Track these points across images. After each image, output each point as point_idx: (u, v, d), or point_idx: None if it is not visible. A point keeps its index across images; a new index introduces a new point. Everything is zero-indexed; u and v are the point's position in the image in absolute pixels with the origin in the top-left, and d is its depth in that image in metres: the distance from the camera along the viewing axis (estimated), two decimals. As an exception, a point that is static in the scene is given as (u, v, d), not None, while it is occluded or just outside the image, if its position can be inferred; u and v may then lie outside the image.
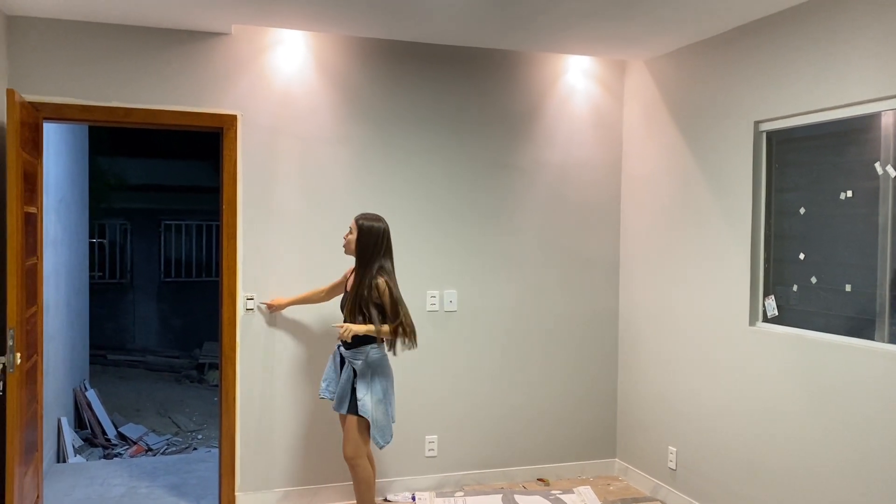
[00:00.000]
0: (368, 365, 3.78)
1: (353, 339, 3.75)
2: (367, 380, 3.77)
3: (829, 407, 3.37)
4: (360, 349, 3.79)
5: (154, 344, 13.08)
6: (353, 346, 3.79)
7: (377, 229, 3.82)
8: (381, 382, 3.81)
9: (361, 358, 3.78)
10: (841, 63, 3.32)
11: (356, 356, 3.79)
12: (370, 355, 3.79)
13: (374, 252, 3.80)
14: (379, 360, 3.83)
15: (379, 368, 3.82)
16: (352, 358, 3.80)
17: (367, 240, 3.80)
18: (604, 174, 4.95)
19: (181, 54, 4.14)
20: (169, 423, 8.63)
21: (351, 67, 4.42)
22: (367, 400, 3.74)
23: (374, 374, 3.79)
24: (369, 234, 3.80)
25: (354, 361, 3.79)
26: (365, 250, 3.80)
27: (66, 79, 3.99)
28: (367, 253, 3.80)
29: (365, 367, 3.78)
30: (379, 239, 3.81)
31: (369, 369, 3.78)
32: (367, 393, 3.75)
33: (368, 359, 3.78)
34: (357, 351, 3.79)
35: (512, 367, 4.78)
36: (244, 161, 4.25)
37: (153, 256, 13.74)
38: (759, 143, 3.88)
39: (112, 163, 12.66)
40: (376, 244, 3.81)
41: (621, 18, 3.88)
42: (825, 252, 3.61)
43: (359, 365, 3.77)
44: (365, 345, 3.78)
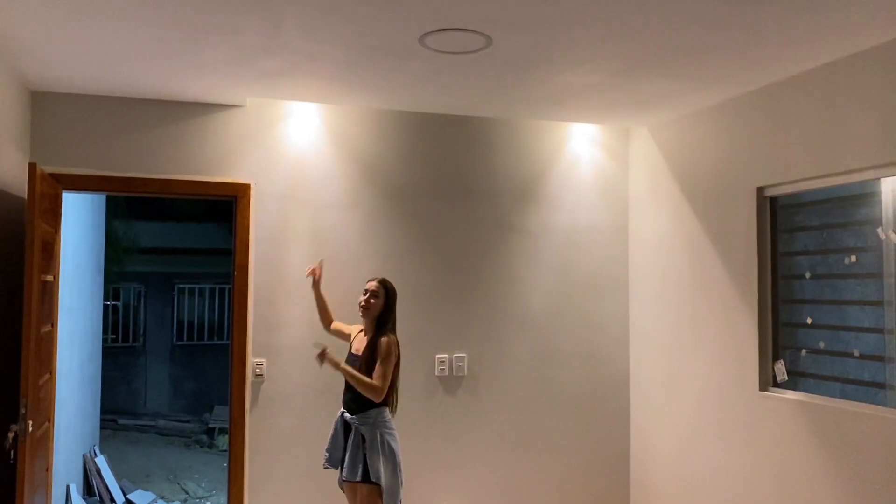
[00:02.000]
0: (376, 429, 3.72)
1: (356, 403, 3.72)
2: (377, 444, 3.70)
3: (841, 472, 3.32)
4: (366, 414, 3.73)
5: (165, 408, 13.03)
6: (357, 411, 3.74)
7: (395, 291, 3.92)
8: (390, 445, 3.75)
9: (368, 422, 3.72)
10: (842, 131, 3.39)
11: (363, 421, 3.73)
12: (377, 418, 3.73)
13: (392, 314, 3.86)
14: (385, 422, 3.78)
15: (387, 431, 3.76)
16: (358, 423, 3.73)
17: (392, 302, 3.86)
18: (611, 238, 5.00)
19: (197, 126, 4.28)
20: (178, 490, 8.54)
21: (361, 137, 4.54)
22: (380, 466, 3.66)
23: (383, 438, 3.73)
24: (394, 296, 3.88)
25: (361, 427, 3.72)
26: (388, 312, 3.84)
27: (85, 150, 4.12)
28: (388, 315, 3.84)
29: (373, 431, 3.71)
30: (395, 301, 3.90)
31: (378, 433, 3.72)
32: (380, 458, 3.67)
33: (375, 422, 3.72)
34: (364, 416, 3.73)
35: (522, 432, 4.74)
36: (256, 227, 4.34)
37: (166, 319, 13.81)
38: (763, 209, 3.93)
39: (127, 226, 12.86)
40: (395, 306, 3.89)
41: (624, 90, 3.99)
42: (833, 316, 3.61)
43: (366, 430, 3.71)
44: (370, 408, 3.72)
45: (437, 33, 3.11)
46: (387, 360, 3.72)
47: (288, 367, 4.35)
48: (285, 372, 4.34)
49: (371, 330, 3.84)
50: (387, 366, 3.71)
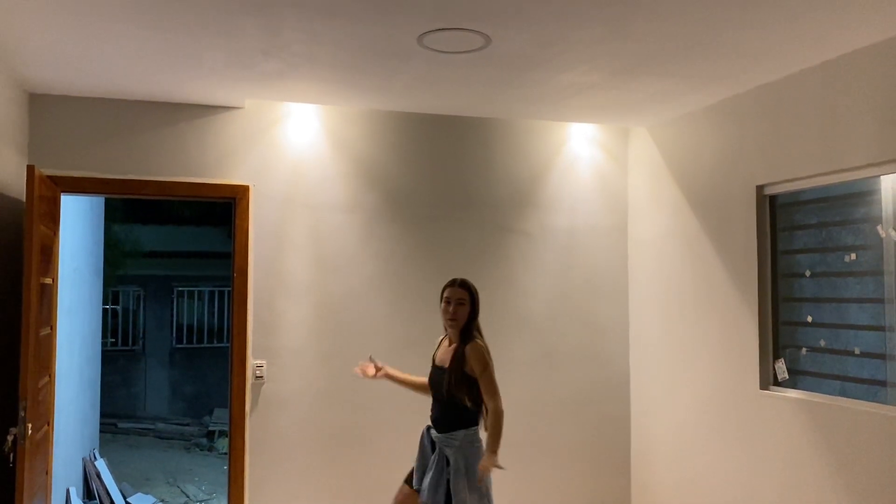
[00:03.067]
0: (463, 453, 3.28)
1: (444, 421, 3.31)
2: (461, 470, 3.25)
3: (842, 470, 3.31)
4: (453, 435, 3.30)
5: (165, 411, 13.02)
6: (443, 430, 3.33)
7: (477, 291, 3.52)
8: (476, 472, 3.28)
9: (454, 444, 3.28)
10: (841, 128, 3.39)
11: (448, 443, 3.30)
12: (463, 441, 3.28)
13: (477, 317, 3.48)
14: (474, 445, 3.32)
15: (475, 455, 3.30)
16: (443, 444, 3.32)
17: (478, 305, 3.49)
18: (610, 239, 4.99)
19: (196, 127, 4.27)
20: (178, 493, 8.52)
21: (360, 138, 4.54)
22: (465, 496, 3.23)
23: (469, 463, 3.27)
24: (478, 298, 3.50)
25: (446, 449, 3.31)
26: (475, 317, 3.47)
27: (83, 153, 4.12)
28: (474, 321, 3.46)
29: (459, 455, 3.27)
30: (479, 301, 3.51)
31: (465, 459, 3.27)
32: (465, 489, 3.23)
33: (462, 445, 3.28)
34: (450, 437, 3.30)
35: (523, 434, 4.73)
36: (256, 230, 4.33)
37: (166, 323, 13.80)
38: (762, 207, 3.93)
39: (126, 230, 12.86)
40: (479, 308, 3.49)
41: (623, 90, 3.99)
42: (833, 314, 3.61)
43: (451, 453, 3.28)
44: (459, 428, 3.30)
45: (435, 33, 3.11)
46: (485, 369, 3.32)
47: (288, 368, 4.34)
48: (285, 374, 4.34)
49: (456, 338, 3.47)
50: (489, 377, 3.31)
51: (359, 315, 4.47)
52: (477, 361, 3.32)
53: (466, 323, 3.43)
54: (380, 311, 4.51)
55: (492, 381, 3.30)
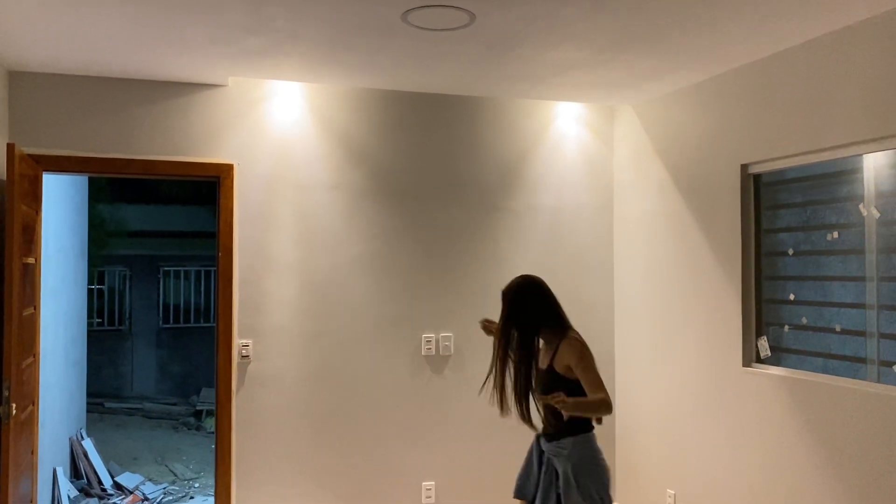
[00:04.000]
0: (573, 463, 2.89)
1: (554, 426, 2.96)
2: (571, 484, 2.87)
3: (823, 446, 3.36)
4: (561, 442, 2.93)
5: (152, 391, 13.01)
6: (552, 438, 2.97)
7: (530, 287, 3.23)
8: (589, 485, 2.88)
9: (563, 453, 2.90)
10: (826, 107, 3.40)
11: (557, 451, 2.94)
12: (572, 449, 2.90)
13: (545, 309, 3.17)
14: (588, 454, 2.92)
15: (586, 465, 2.91)
16: (552, 454, 2.96)
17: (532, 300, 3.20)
18: (596, 217, 5.01)
19: (179, 106, 4.23)
20: (166, 472, 8.55)
21: (345, 116, 4.51)
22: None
23: (579, 475, 2.88)
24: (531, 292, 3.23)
25: (554, 459, 2.95)
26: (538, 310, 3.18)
27: (65, 131, 4.07)
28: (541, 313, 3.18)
29: (569, 466, 2.88)
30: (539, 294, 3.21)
31: (573, 469, 2.88)
32: (579, 502, 2.86)
33: (571, 454, 2.90)
34: (558, 445, 2.94)
35: (509, 410, 4.77)
36: (241, 209, 4.31)
37: (152, 302, 13.75)
38: (746, 186, 3.94)
39: (111, 210, 12.76)
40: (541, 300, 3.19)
41: (609, 68, 3.98)
42: (815, 292, 3.65)
43: (560, 463, 2.90)
44: (567, 435, 2.92)
45: (420, 10, 3.09)
46: (585, 362, 2.95)
47: (274, 347, 4.34)
48: (271, 353, 4.34)
49: (544, 341, 3.16)
50: (591, 369, 2.94)
51: (345, 293, 4.47)
52: (571, 355, 2.95)
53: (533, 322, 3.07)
54: (366, 289, 4.51)
55: (592, 371, 2.91)
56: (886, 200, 3.26)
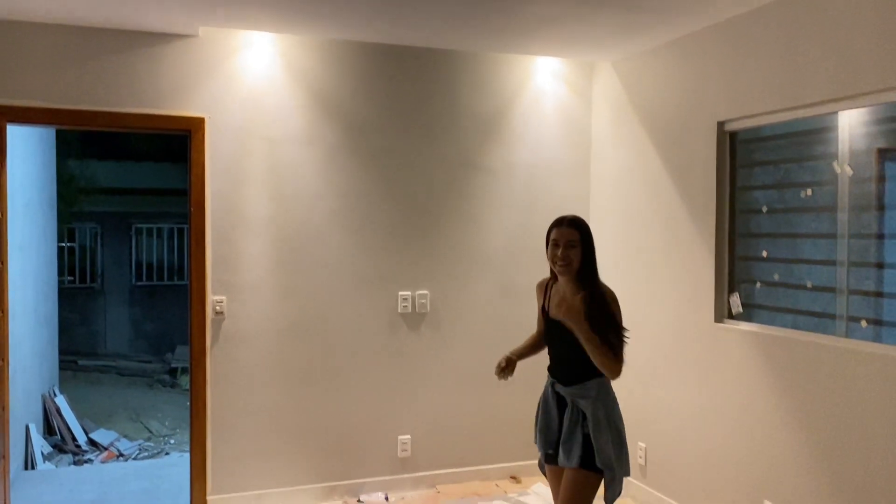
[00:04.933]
0: (601, 402, 2.95)
1: (575, 372, 2.97)
2: (602, 423, 2.93)
3: (793, 399, 3.43)
4: (586, 385, 2.96)
5: (126, 349, 12.95)
6: (574, 382, 2.99)
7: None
8: (617, 422, 2.99)
9: (590, 395, 2.95)
10: (802, 64, 3.39)
11: (582, 394, 2.97)
12: (599, 391, 2.95)
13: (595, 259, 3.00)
14: (609, 395, 3.00)
15: (611, 404, 3.00)
16: (577, 396, 2.98)
17: (593, 245, 3.01)
18: (573, 175, 4.99)
19: (148, 57, 4.11)
20: (141, 429, 8.56)
21: (320, 69, 4.42)
22: (609, 450, 2.91)
23: (609, 413, 2.96)
24: (591, 237, 3.01)
25: (581, 401, 2.97)
26: (592, 259, 2.99)
27: (31, 82, 3.94)
28: (593, 262, 2.99)
29: (598, 406, 2.94)
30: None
31: (603, 408, 2.95)
32: (608, 440, 2.91)
33: (598, 395, 2.95)
34: (583, 388, 2.97)
35: (484, 366, 4.79)
36: (212, 163, 4.23)
37: (124, 260, 13.60)
38: (723, 143, 3.95)
39: (82, 166, 12.51)
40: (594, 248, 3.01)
41: (588, 22, 3.93)
42: (787, 249, 3.68)
43: (588, 405, 2.95)
44: (590, 378, 2.95)
45: (396, -42, 3.01)
46: (616, 320, 2.92)
47: (248, 303, 4.31)
48: (246, 309, 4.31)
49: (573, 285, 2.99)
50: (617, 329, 2.90)
51: (319, 250, 4.44)
52: (611, 309, 2.93)
53: (585, 267, 2.95)
54: (341, 245, 4.48)
55: (619, 332, 2.90)
56: (860, 158, 3.28)
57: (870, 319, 3.24)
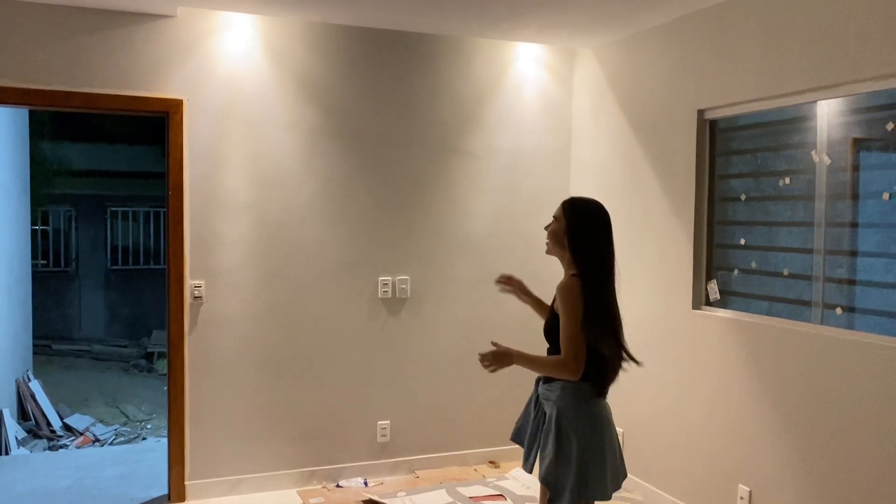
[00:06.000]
0: (562, 409, 2.64)
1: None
2: (551, 431, 2.64)
3: (768, 385, 3.48)
4: (551, 384, 2.70)
5: (101, 333, 12.82)
6: (546, 380, 2.75)
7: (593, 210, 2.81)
8: (577, 438, 2.60)
9: (551, 397, 2.68)
10: (781, 53, 3.42)
11: (547, 394, 2.72)
12: (561, 394, 2.65)
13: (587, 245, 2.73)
14: (575, 403, 2.64)
15: (578, 416, 2.63)
16: (543, 397, 2.75)
17: (582, 227, 2.77)
18: (554, 160, 5.00)
19: (124, 37, 4.04)
20: (117, 414, 8.49)
21: (301, 52, 4.37)
22: (552, 463, 2.61)
23: (561, 424, 2.63)
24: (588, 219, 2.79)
25: (545, 402, 2.73)
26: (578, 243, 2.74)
27: (4, 61, 3.85)
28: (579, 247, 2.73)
29: (555, 411, 2.64)
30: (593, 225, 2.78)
31: (561, 415, 2.63)
32: (553, 452, 2.61)
33: (559, 399, 2.65)
34: (549, 387, 2.71)
35: (464, 352, 4.82)
36: (191, 146, 4.18)
37: (99, 243, 13.43)
38: (702, 131, 3.97)
39: (55, 147, 12.31)
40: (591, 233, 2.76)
41: (569, 8, 3.92)
42: (765, 237, 3.72)
43: (549, 408, 2.69)
44: (556, 379, 2.68)
45: (378, -60, 2.97)
46: (567, 312, 2.61)
47: (227, 288, 4.28)
48: (224, 293, 4.28)
49: (566, 272, 2.80)
50: (567, 321, 2.59)
51: (299, 234, 4.41)
52: (561, 299, 2.64)
53: (570, 252, 2.73)
54: (321, 230, 4.46)
55: (570, 335, 2.58)
56: (837, 147, 3.32)
57: (844, 307, 3.29)
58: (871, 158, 3.28)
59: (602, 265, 2.72)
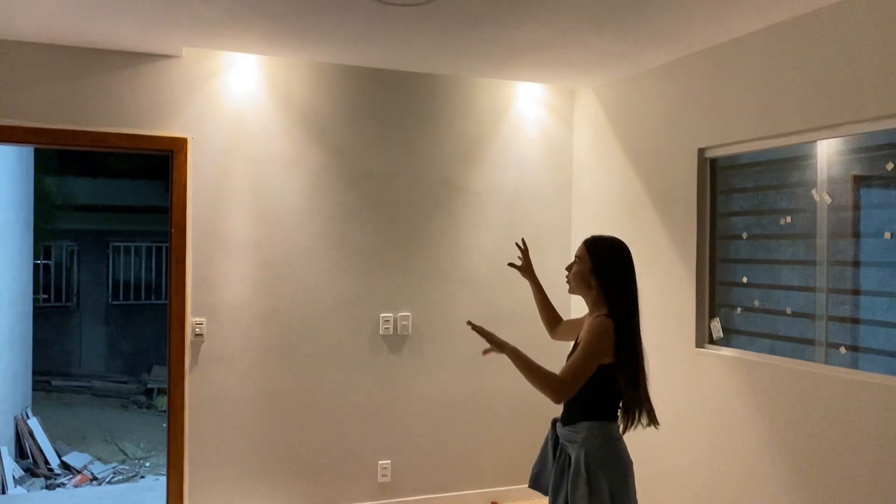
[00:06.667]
0: (587, 451, 2.55)
1: (568, 409, 2.65)
2: (581, 474, 2.53)
3: (771, 426, 3.45)
4: (576, 427, 2.61)
5: (101, 369, 12.75)
6: (567, 422, 2.65)
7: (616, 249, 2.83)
8: (609, 481, 2.54)
9: (577, 439, 2.59)
10: (782, 93, 3.45)
11: (571, 436, 2.62)
12: (588, 435, 2.57)
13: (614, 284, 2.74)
14: (604, 445, 2.58)
15: (608, 458, 2.58)
16: (566, 439, 2.65)
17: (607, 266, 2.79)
18: (555, 198, 5.03)
19: (131, 77, 4.09)
20: (116, 451, 8.41)
21: (304, 91, 4.42)
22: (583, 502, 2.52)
23: (590, 467, 2.54)
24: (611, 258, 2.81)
25: (569, 445, 2.63)
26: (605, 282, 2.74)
27: (13, 100, 3.90)
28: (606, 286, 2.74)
29: (582, 453, 2.56)
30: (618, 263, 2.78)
31: (588, 459, 2.54)
32: (584, 497, 2.51)
33: (586, 441, 2.57)
34: (573, 429, 2.62)
35: (467, 389, 4.79)
36: (194, 184, 4.20)
37: (101, 278, 13.44)
38: (703, 169, 3.99)
39: (59, 182, 12.39)
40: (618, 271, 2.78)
41: (570, 49, 3.97)
42: (767, 275, 3.72)
43: (574, 450, 2.59)
44: (582, 419, 2.60)
45: (382, -16, 3.03)
46: (587, 347, 2.56)
47: (228, 325, 4.27)
48: (225, 331, 4.27)
49: (592, 311, 2.78)
50: (583, 355, 2.54)
51: (301, 272, 4.42)
52: (591, 334, 2.59)
53: (592, 290, 2.73)
54: (322, 267, 4.46)
55: (578, 364, 2.53)
56: (838, 186, 3.34)
57: (848, 346, 3.28)
58: (872, 197, 3.29)
59: (631, 305, 2.73)
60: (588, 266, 2.75)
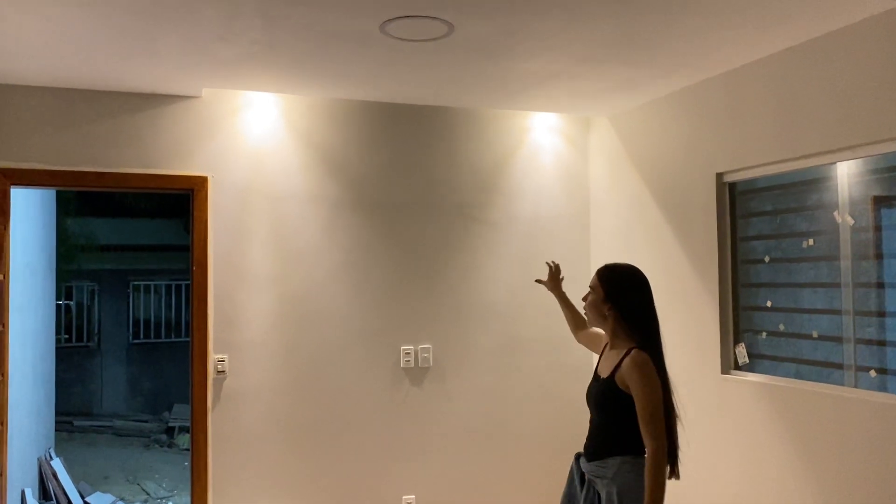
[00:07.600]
0: (618, 486, 2.51)
1: (596, 444, 2.61)
2: None
3: (801, 450, 3.39)
4: (606, 462, 2.56)
5: (123, 408, 12.77)
6: (593, 457, 2.60)
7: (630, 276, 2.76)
8: None
9: (607, 475, 2.54)
10: (799, 115, 3.45)
11: (600, 472, 2.57)
12: (620, 470, 2.53)
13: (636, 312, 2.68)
14: (639, 480, 2.51)
15: (639, 494, 2.50)
16: (594, 475, 2.60)
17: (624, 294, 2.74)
18: (572, 227, 5.02)
19: (151, 118, 4.17)
20: (138, 491, 8.38)
21: (321, 127, 4.48)
22: None
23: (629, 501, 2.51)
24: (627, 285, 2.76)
25: (597, 481, 2.57)
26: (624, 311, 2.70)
27: (35, 144, 3.98)
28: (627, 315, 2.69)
29: (613, 489, 2.51)
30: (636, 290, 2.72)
31: (619, 494, 2.51)
32: None
33: (617, 476, 2.52)
34: (601, 465, 2.57)
35: (489, 421, 4.75)
36: (215, 222, 4.25)
37: (122, 318, 13.52)
38: (722, 194, 3.98)
39: (79, 223, 12.54)
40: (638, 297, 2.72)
41: (584, 79, 4.00)
42: (791, 299, 3.68)
43: (604, 486, 2.54)
44: (611, 455, 2.55)
45: (398, 20, 3.08)
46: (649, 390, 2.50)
47: (251, 363, 4.28)
48: (248, 368, 4.27)
49: (614, 341, 2.75)
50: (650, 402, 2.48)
51: (322, 306, 4.43)
52: (633, 372, 2.52)
53: (608, 321, 2.70)
54: (343, 301, 4.47)
55: (651, 405, 2.45)
56: (859, 207, 3.31)
57: (878, 369, 3.22)
58: (893, 217, 3.27)
59: (655, 333, 2.67)
60: (601, 296, 2.70)
